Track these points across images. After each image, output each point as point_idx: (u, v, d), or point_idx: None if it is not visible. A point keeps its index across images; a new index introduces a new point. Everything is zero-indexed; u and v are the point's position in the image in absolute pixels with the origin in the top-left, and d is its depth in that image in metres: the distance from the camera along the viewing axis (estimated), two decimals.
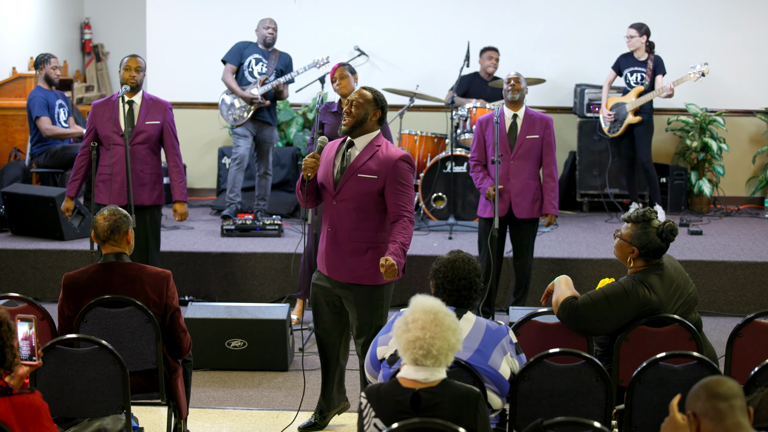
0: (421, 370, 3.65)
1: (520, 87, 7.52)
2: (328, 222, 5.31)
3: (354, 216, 5.23)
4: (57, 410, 4.63)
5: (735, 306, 8.26)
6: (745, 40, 10.75)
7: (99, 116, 7.32)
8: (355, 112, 5.21)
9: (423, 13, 10.97)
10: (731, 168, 10.71)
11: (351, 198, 5.21)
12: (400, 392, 3.65)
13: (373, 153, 5.22)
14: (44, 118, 9.25)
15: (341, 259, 5.28)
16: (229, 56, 9.52)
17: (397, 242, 5.12)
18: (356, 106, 5.22)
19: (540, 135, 7.48)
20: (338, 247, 5.28)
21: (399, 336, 3.69)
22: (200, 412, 6.14)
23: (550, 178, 7.50)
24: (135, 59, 7.41)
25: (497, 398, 4.31)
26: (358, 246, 5.25)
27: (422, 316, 3.67)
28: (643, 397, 4.40)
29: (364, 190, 5.20)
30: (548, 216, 7.50)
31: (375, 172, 5.18)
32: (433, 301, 3.74)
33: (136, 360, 5.02)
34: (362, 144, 5.25)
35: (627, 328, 4.80)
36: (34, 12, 11.48)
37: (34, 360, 4.12)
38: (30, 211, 8.86)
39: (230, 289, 8.45)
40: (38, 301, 5.61)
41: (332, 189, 5.25)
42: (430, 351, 3.62)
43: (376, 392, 3.72)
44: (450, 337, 3.65)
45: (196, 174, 11.20)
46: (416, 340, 3.63)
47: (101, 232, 5.02)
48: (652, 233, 4.86)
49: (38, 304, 5.23)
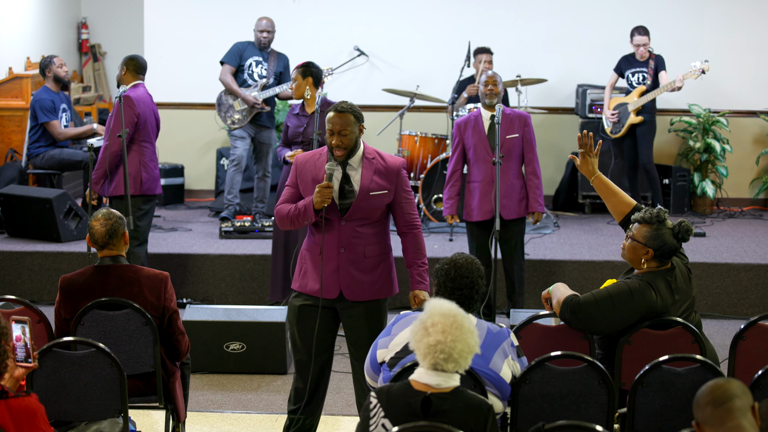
0: (436, 375, 3.63)
1: (497, 91, 7.45)
2: (336, 243, 5.09)
3: (367, 231, 5.12)
4: (54, 413, 4.62)
5: (738, 308, 8.22)
6: (749, 40, 10.73)
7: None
8: (346, 143, 5.02)
9: (423, 12, 10.94)
10: (734, 169, 10.67)
11: (363, 216, 5.10)
12: (411, 395, 3.63)
13: (374, 168, 5.10)
14: (54, 122, 9.21)
15: (357, 277, 5.11)
16: (227, 57, 9.51)
17: (421, 267, 5.18)
18: (345, 134, 5.01)
19: (519, 133, 7.41)
20: (355, 265, 5.11)
21: (418, 340, 3.65)
22: (198, 416, 6.12)
23: (533, 176, 7.43)
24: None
25: (498, 402, 4.27)
26: (373, 261, 5.14)
27: (442, 320, 3.63)
28: (646, 401, 4.37)
29: (376, 205, 5.11)
30: (535, 214, 7.44)
31: (384, 186, 5.10)
32: (450, 305, 3.71)
33: (134, 363, 5.00)
34: (357, 161, 5.10)
35: (629, 331, 4.76)
36: (30, 12, 11.43)
37: (30, 362, 4.09)
38: (26, 212, 8.83)
39: (228, 292, 8.42)
40: (35, 303, 5.59)
41: (338, 211, 5.08)
42: (451, 354, 3.60)
43: (386, 393, 3.69)
44: (470, 339, 3.64)
45: (194, 175, 11.18)
46: (437, 344, 3.60)
47: (99, 238, 4.99)
48: (668, 234, 4.81)
49: (35, 306, 5.20)
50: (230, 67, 9.49)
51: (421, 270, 5.19)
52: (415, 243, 5.21)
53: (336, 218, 5.07)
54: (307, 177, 5.11)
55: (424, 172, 9.52)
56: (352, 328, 5.19)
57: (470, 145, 7.45)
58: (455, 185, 7.54)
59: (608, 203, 5.26)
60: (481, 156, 7.40)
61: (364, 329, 5.15)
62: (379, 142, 10.06)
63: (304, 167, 5.14)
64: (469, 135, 7.45)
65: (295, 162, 5.19)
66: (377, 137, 9.97)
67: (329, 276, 5.10)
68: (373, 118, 9.86)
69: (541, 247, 8.82)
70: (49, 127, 9.20)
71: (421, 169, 9.67)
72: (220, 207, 10.06)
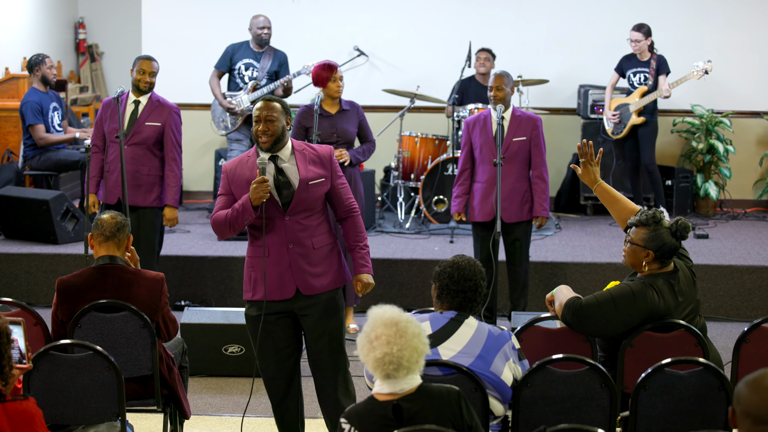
0: (395, 382, 3.58)
1: (502, 95, 7.34)
2: (283, 240, 5.02)
3: (312, 222, 5.06)
4: (51, 417, 4.61)
5: (742, 311, 8.19)
6: (752, 40, 10.70)
7: (105, 113, 7.37)
8: (272, 129, 4.98)
9: (424, 12, 10.92)
10: (738, 170, 10.64)
11: (305, 208, 5.05)
12: (379, 407, 3.58)
13: (307, 158, 5.08)
14: (39, 126, 9.19)
15: (311, 270, 5.05)
16: (218, 61, 9.57)
17: (363, 249, 5.15)
18: (271, 120, 4.98)
19: (527, 136, 7.33)
20: (306, 259, 5.04)
21: (365, 355, 3.59)
22: (197, 420, 6.10)
23: (540, 180, 7.36)
24: (150, 63, 7.45)
25: (499, 405, 4.25)
26: (323, 251, 5.09)
27: (385, 330, 3.57)
28: (648, 404, 4.35)
29: (316, 195, 5.06)
30: (539, 218, 7.38)
31: (321, 174, 5.08)
32: (391, 311, 3.65)
33: (132, 366, 4.99)
34: (287, 154, 5.06)
35: (632, 334, 4.74)
36: (27, 12, 11.42)
37: (24, 363, 4.08)
38: (23, 214, 8.82)
39: (227, 294, 8.40)
40: (31, 305, 5.57)
41: (279, 207, 5.00)
42: (401, 363, 3.54)
43: (355, 414, 3.62)
44: (417, 344, 3.58)
45: (192, 177, 11.15)
46: (384, 356, 3.54)
47: (108, 228, 4.97)
48: (665, 234, 4.79)
49: (31, 309, 5.17)
50: (218, 71, 9.55)
51: (363, 253, 5.17)
52: (355, 226, 5.21)
53: (279, 214, 5.00)
54: (240, 181, 5.03)
55: (425, 173, 9.48)
56: (310, 329, 5.11)
57: (477, 145, 7.40)
58: (464, 184, 7.49)
59: (612, 211, 5.23)
60: (486, 157, 7.35)
61: (322, 324, 5.09)
62: (379, 142, 10.01)
63: (234, 172, 5.07)
64: (477, 135, 7.40)
65: (225, 169, 5.13)
66: (377, 138, 9.91)
67: (283, 274, 5.03)
68: (373, 119, 9.79)
69: (543, 249, 8.79)
70: (32, 130, 9.18)
71: (422, 170, 9.63)
72: None
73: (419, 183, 9.48)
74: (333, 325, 5.12)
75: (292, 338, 5.17)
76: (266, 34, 9.47)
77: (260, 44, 9.48)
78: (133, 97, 7.42)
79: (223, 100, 9.43)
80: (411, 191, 9.89)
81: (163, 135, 7.41)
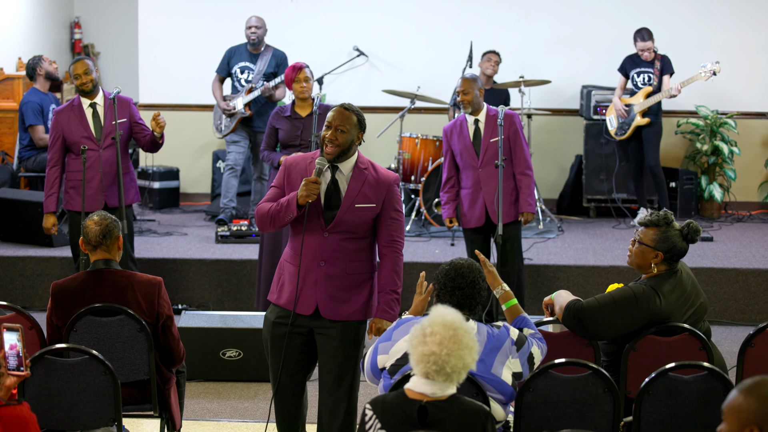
0: (430, 383, 3.57)
1: (468, 99, 7.24)
2: (317, 255, 4.82)
3: (350, 246, 4.84)
4: (46, 422, 4.59)
5: (747, 315, 8.15)
6: (757, 40, 10.69)
7: (65, 123, 7.24)
8: (341, 140, 4.76)
9: (425, 12, 10.89)
10: (743, 172, 10.61)
11: (347, 229, 4.84)
12: (407, 404, 3.59)
13: (364, 179, 4.84)
14: (38, 127, 9.17)
15: (336, 294, 4.84)
16: (218, 66, 9.65)
17: (392, 294, 4.87)
18: (342, 131, 4.76)
19: (505, 134, 7.24)
20: (332, 282, 4.83)
21: (414, 346, 3.59)
22: (194, 425, 6.08)
23: (523, 176, 7.28)
24: (79, 64, 7.36)
25: (501, 409, 4.23)
26: (356, 279, 4.87)
27: (441, 330, 3.56)
28: (652, 409, 4.33)
29: (361, 218, 4.84)
30: (525, 214, 7.28)
31: (372, 199, 4.84)
32: (455, 315, 3.63)
33: (128, 371, 4.95)
34: (348, 168, 4.85)
35: (635, 338, 4.71)
36: (22, 11, 11.38)
37: (22, 370, 4.04)
38: (18, 216, 8.81)
39: (225, 298, 8.36)
40: (26, 309, 5.57)
41: (321, 219, 4.82)
42: (443, 368, 3.53)
43: (381, 403, 3.65)
44: (466, 356, 3.57)
45: (190, 178, 11.11)
46: (431, 354, 3.54)
47: (93, 238, 4.94)
48: (676, 235, 4.76)
49: (26, 312, 5.14)
50: (219, 77, 9.62)
51: (390, 298, 4.88)
52: (393, 266, 4.90)
53: (319, 228, 4.81)
54: (296, 178, 4.86)
55: (425, 174, 9.43)
56: (325, 351, 4.90)
57: (457, 151, 7.34)
58: (450, 191, 7.45)
59: None
60: (467, 162, 7.29)
61: (338, 353, 4.86)
62: (379, 144, 10.01)
63: (294, 168, 4.90)
64: (455, 141, 7.34)
65: (285, 162, 4.96)
66: (377, 139, 9.88)
67: (307, 290, 4.84)
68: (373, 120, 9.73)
69: (545, 251, 8.74)
70: (32, 131, 9.16)
71: (422, 171, 9.58)
72: (216, 211, 9.99)
73: (420, 185, 9.44)
74: (347, 356, 4.88)
75: (306, 354, 4.97)
76: (253, 33, 9.45)
77: (253, 45, 9.46)
78: (87, 101, 7.29)
79: (222, 102, 9.43)
80: (411, 193, 9.85)
81: (132, 126, 7.36)
